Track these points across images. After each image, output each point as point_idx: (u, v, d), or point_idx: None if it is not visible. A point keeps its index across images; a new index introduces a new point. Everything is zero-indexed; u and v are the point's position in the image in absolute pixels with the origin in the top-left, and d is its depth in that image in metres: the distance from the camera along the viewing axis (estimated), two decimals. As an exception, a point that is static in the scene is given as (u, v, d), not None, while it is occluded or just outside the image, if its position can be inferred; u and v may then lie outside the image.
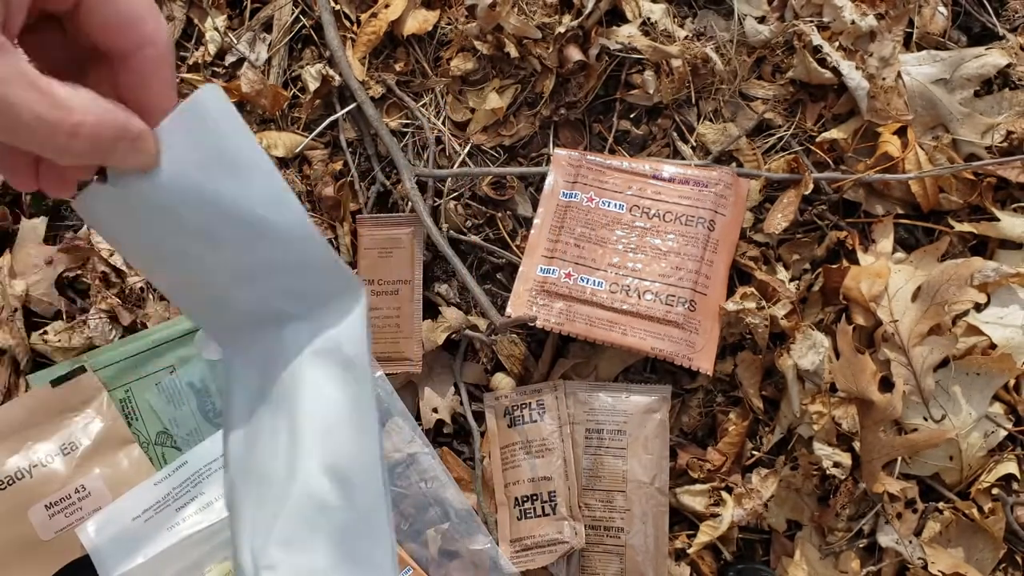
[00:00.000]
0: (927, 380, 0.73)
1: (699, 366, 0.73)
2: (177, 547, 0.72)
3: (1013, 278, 0.75)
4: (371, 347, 0.40)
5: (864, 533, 0.76)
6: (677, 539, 0.77)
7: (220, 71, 0.87)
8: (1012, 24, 0.83)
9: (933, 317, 0.73)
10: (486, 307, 0.76)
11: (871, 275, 0.75)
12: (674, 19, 0.83)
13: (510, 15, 0.79)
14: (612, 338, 0.74)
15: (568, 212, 0.79)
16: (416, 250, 0.80)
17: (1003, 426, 0.74)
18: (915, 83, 0.79)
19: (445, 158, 0.83)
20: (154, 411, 0.76)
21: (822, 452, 0.73)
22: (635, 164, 0.79)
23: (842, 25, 0.79)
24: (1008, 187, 0.79)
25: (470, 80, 0.84)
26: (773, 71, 0.83)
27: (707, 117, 0.82)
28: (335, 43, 0.82)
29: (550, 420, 0.77)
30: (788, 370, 0.74)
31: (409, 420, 0.79)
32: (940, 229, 0.79)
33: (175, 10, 0.87)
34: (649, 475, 0.75)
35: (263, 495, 0.38)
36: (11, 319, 0.81)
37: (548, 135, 0.83)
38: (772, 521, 0.77)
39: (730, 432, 0.77)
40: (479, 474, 0.79)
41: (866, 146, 0.80)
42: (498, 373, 0.80)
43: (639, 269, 0.76)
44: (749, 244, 0.79)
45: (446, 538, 0.76)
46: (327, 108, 0.85)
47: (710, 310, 0.75)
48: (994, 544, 0.73)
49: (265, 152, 0.34)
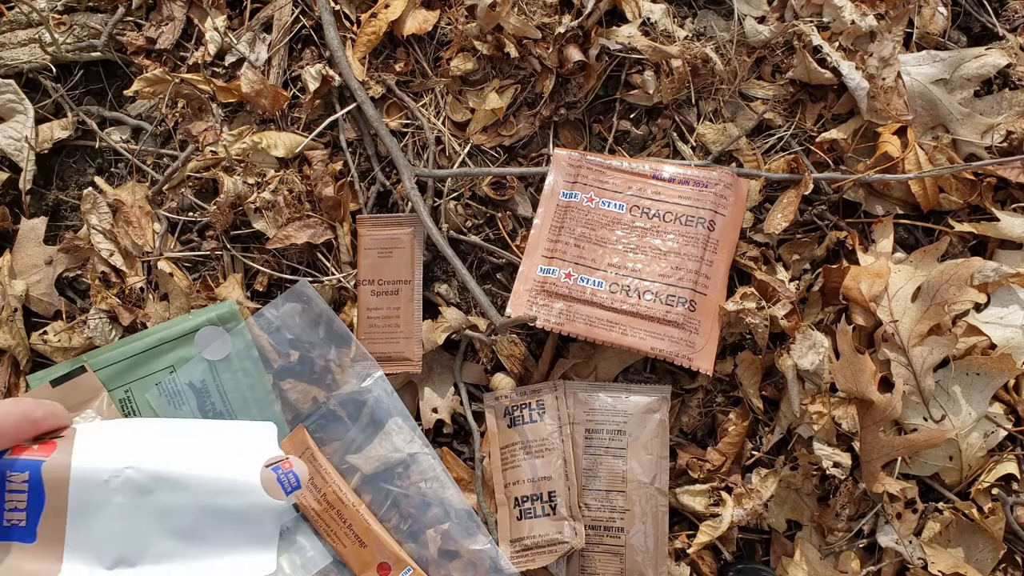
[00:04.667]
0: (927, 380, 0.73)
1: (699, 366, 0.73)
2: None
3: (1013, 278, 0.75)
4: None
5: (864, 533, 0.76)
6: (677, 539, 0.77)
7: (220, 71, 0.87)
8: (1012, 24, 0.83)
9: (933, 317, 0.73)
10: (486, 307, 0.76)
11: (871, 275, 0.75)
12: (674, 19, 0.83)
13: (510, 15, 0.79)
14: (612, 338, 0.74)
15: (568, 212, 0.79)
16: (416, 250, 0.80)
17: (1003, 426, 0.74)
18: (915, 83, 0.79)
19: (445, 158, 0.83)
20: (154, 411, 0.76)
21: (822, 452, 0.73)
22: (635, 164, 0.79)
23: (842, 25, 0.79)
24: (1008, 187, 0.79)
25: (470, 80, 0.84)
26: (773, 71, 0.83)
27: (707, 117, 0.82)
28: (335, 43, 0.82)
29: (550, 420, 0.77)
30: (788, 370, 0.74)
31: (409, 420, 0.79)
32: (940, 229, 0.79)
33: (175, 10, 0.87)
34: (649, 475, 0.75)
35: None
36: (11, 319, 0.81)
37: (548, 135, 0.83)
38: (772, 521, 0.77)
39: (730, 432, 0.77)
40: (479, 474, 0.79)
41: (866, 146, 0.80)
42: (498, 373, 0.80)
43: (639, 269, 0.76)
44: (749, 244, 0.79)
45: (446, 538, 0.76)
46: (327, 108, 0.85)
47: (710, 310, 0.75)
48: (994, 544, 0.73)
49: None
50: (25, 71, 0.88)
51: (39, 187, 0.88)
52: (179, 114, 0.87)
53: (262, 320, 0.79)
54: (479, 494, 0.78)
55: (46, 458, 0.40)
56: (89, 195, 0.84)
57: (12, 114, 0.86)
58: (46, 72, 0.88)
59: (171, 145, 0.87)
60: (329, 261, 0.82)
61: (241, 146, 0.83)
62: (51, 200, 0.87)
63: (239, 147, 0.83)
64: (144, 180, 0.86)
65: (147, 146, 0.87)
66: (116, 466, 0.42)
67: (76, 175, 0.88)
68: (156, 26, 0.88)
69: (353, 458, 0.78)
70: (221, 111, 0.86)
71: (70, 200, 0.87)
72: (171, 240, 0.84)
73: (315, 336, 0.79)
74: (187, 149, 0.85)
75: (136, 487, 0.42)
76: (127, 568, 0.42)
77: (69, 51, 0.87)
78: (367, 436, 0.78)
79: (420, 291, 0.80)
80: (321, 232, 0.81)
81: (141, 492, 0.42)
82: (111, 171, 0.88)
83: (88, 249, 0.84)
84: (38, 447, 0.40)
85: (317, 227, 0.81)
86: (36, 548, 0.39)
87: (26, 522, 0.39)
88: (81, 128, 0.88)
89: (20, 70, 0.88)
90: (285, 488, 0.47)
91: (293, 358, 0.79)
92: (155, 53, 0.87)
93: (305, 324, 0.79)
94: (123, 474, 0.42)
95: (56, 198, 0.88)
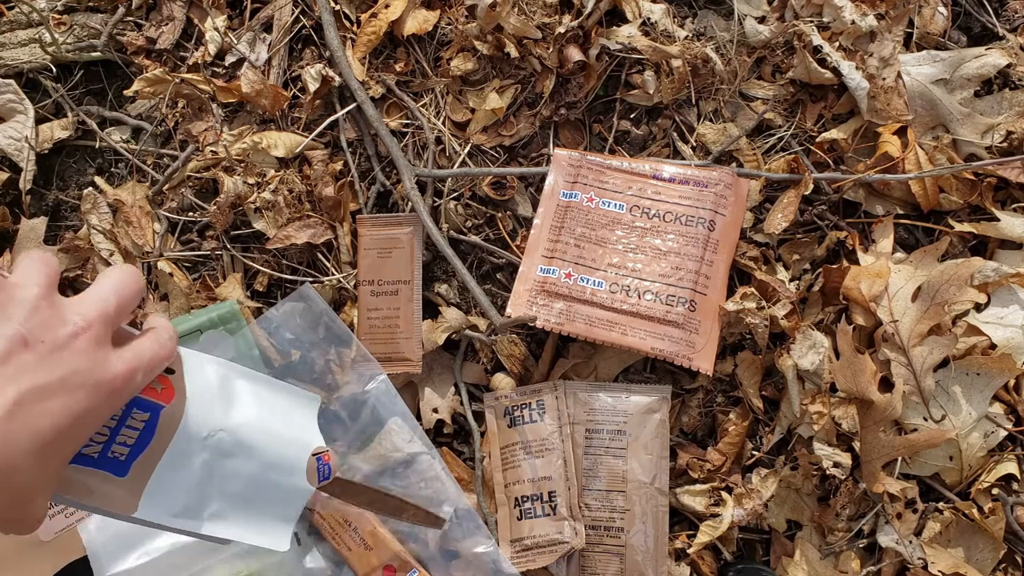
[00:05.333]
0: (927, 380, 0.73)
1: (699, 366, 0.73)
2: (179, 550, 0.72)
3: (1013, 278, 0.75)
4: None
5: (864, 533, 0.76)
6: (677, 539, 0.77)
7: (220, 71, 0.87)
8: (1012, 24, 0.83)
9: (933, 317, 0.73)
10: (486, 307, 0.76)
11: (871, 275, 0.75)
12: (674, 19, 0.83)
13: (510, 15, 0.79)
14: (612, 338, 0.74)
15: (568, 212, 0.79)
16: (416, 250, 0.80)
17: (1003, 426, 0.74)
18: (915, 83, 0.79)
19: (445, 158, 0.83)
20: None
21: (822, 452, 0.73)
22: (635, 164, 0.79)
23: (842, 25, 0.79)
24: (1008, 187, 0.79)
25: (470, 80, 0.84)
26: (773, 71, 0.83)
27: (707, 117, 0.82)
28: (335, 43, 0.82)
29: (550, 420, 0.77)
30: (788, 370, 0.74)
31: (410, 419, 0.79)
32: (940, 229, 0.79)
33: (175, 10, 0.87)
34: (649, 475, 0.75)
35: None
36: (11, 319, 0.81)
37: (548, 135, 0.83)
38: (772, 521, 0.77)
39: (730, 432, 0.77)
40: (479, 474, 0.79)
41: (866, 146, 0.80)
42: (498, 373, 0.80)
43: (639, 269, 0.76)
44: (749, 244, 0.79)
45: (446, 538, 0.76)
46: (327, 108, 0.85)
47: (710, 310, 0.75)
48: (994, 544, 0.73)
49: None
50: (25, 71, 0.88)
51: (39, 187, 0.88)
52: (179, 114, 0.87)
53: (262, 320, 0.79)
54: (479, 494, 0.78)
55: (166, 404, 0.42)
56: (89, 195, 0.84)
57: (12, 114, 0.86)
58: (46, 72, 0.88)
59: (171, 145, 0.87)
60: (329, 261, 0.82)
61: (241, 146, 0.83)
62: (51, 200, 0.87)
63: (239, 147, 0.83)
64: (144, 180, 0.86)
65: (147, 146, 0.87)
66: (214, 425, 0.44)
67: (76, 175, 0.88)
68: (156, 26, 0.88)
69: (353, 458, 0.78)
70: (221, 111, 0.86)
71: (70, 200, 0.87)
72: (171, 240, 0.84)
73: (315, 336, 0.79)
74: (187, 149, 0.85)
75: (222, 449, 0.45)
76: (187, 520, 0.44)
77: (69, 51, 0.87)
78: (367, 436, 0.78)
79: (420, 291, 0.80)
80: (321, 232, 0.81)
81: (223, 455, 0.45)
82: (111, 171, 0.88)
83: (88, 249, 0.84)
84: (161, 387, 0.42)
85: (317, 227, 0.81)
86: (123, 482, 0.41)
87: (126, 457, 0.41)
88: (81, 128, 0.88)
89: (20, 70, 0.88)
90: (320, 477, 0.50)
91: (294, 358, 0.79)
92: (155, 53, 0.87)
93: (305, 324, 0.79)
94: (217, 435, 0.44)
95: (56, 198, 0.88)
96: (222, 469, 0.45)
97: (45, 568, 0.72)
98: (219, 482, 0.45)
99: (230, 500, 0.46)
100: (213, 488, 0.45)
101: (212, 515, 0.45)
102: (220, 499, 0.46)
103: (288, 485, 0.49)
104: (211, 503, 0.45)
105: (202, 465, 0.44)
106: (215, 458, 0.45)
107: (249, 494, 0.47)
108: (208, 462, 0.44)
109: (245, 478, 0.46)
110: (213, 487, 0.45)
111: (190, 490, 0.44)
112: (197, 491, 0.44)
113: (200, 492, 0.44)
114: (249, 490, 0.47)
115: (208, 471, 0.44)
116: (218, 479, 0.45)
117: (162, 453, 0.42)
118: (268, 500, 0.48)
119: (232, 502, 0.46)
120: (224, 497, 0.46)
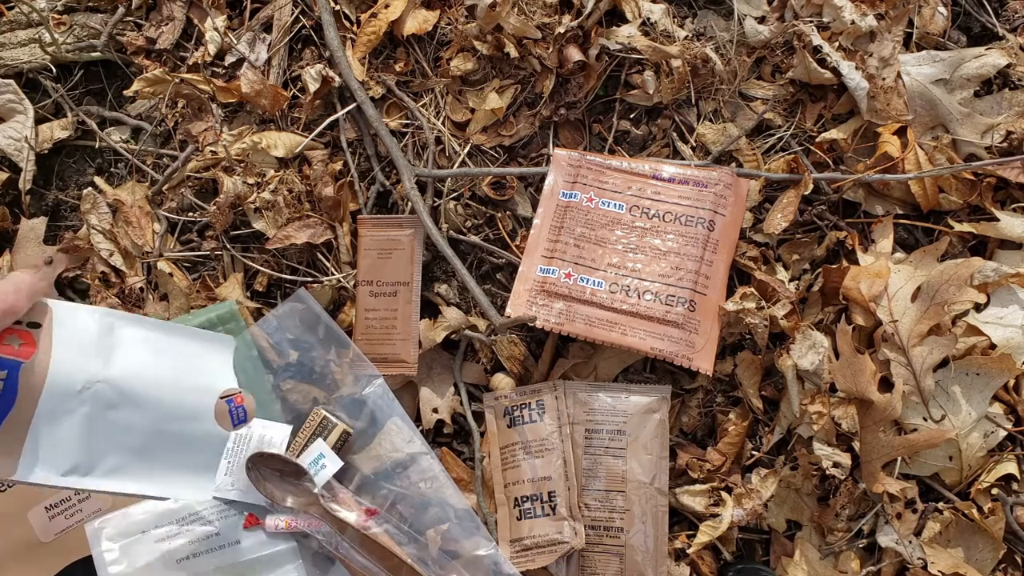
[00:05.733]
0: (927, 380, 0.73)
1: (699, 366, 0.73)
2: (187, 562, 0.71)
3: (1013, 278, 0.75)
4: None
5: (864, 533, 0.76)
6: (677, 539, 0.77)
7: (220, 71, 0.87)
8: (1012, 24, 0.83)
9: (933, 317, 0.73)
10: (486, 307, 0.76)
11: (871, 275, 0.75)
12: (674, 19, 0.83)
13: (510, 15, 0.79)
14: (612, 338, 0.74)
15: (568, 212, 0.79)
16: (416, 251, 0.80)
17: (1003, 426, 0.74)
18: (915, 83, 0.79)
19: (445, 158, 0.83)
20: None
21: (822, 452, 0.73)
22: (635, 164, 0.79)
23: (842, 25, 0.79)
24: (1008, 187, 0.79)
25: (470, 80, 0.84)
26: (773, 71, 0.83)
27: (707, 117, 0.82)
28: (335, 43, 0.82)
29: (550, 420, 0.77)
30: (788, 370, 0.74)
31: (408, 421, 0.79)
32: (940, 229, 0.79)
33: (175, 10, 0.87)
34: (649, 475, 0.75)
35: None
36: (11, 319, 0.81)
37: (548, 135, 0.83)
38: (772, 521, 0.77)
39: (730, 432, 0.77)
40: (479, 474, 0.79)
41: (866, 146, 0.80)
42: (498, 373, 0.80)
43: (639, 269, 0.76)
44: (749, 244, 0.79)
45: (446, 538, 0.76)
46: (327, 108, 0.85)
47: (710, 310, 0.75)
48: (994, 544, 0.73)
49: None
50: (25, 71, 0.88)
51: (39, 187, 0.88)
52: (179, 114, 0.87)
53: (262, 322, 0.79)
54: (479, 494, 0.78)
55: (25, 360, 0.40)
56: (89, 195, 0.84)
57: (12, 114, 0.86)
58: (46, 72, 0.88)
59: (171, 145, 0.87)
60: (329, 261, 0.82)
61: (241, 146, 0.83)
62: (51, 200, 0.87)
63: (239, 147, 0.83)
64: (144, 180, 0.86)
65: (147, 146, 0.87)
66: (89, 377, 0.42)
67: (76, 175, 0.88)
68: (156, 26, 0.88)
69: (353, 458, 0.78)
70: (221, 111, 0.86)
71: (70, 200, 0.87)
72: (171, 240, 0.84)
73: (314, 337, 0.79)
74: (187, 149, 0.85)
75: (103, 401, 0.43)
76: (78, 477, 0.42)
77: (69, 51, 0.87)
78: (367, 436, 0.78)
79: (418, 293, 0.80)
80: (321, 232, 0.81)
81: (107, 406, 0.43)
82: (111, 171, 0.88)
83: (88, 249, 0.84)
84: (19, 343, 0.40)
85: (317, 227, 0.81)
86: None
87: None
88: (81, 128, 0.88)
89: (20, 70, 0.88)
90: (234, 420, 0.48)
91: (292, 358, 0.79)
92: (155, 53, 0.87)
93: (304, 325, 0.79)
94: (94, 387, 0.42)
95: (56, 198, 0.88)
96: (109, 422, 0.43)
97: (45, 570, 0.72)
98: (110, 435, 0.43)
99: (129, 453, 0.44)
100: (104, 442, 0.43)
101: (110, 470, 0.43)
102: (117, 453, 0.43)
103: (197, 432, 0.46)
104: (106, 458, 0.43)
105: (84, 419, 0.42)
106: (98, 411, 0.42)
107: (152, 445, 0.44)
108: (90, 415, 0.42)
109: (141, 429, 0.44)
110: (104, 441, 0.43)
111: (76, 447, 0.42)
112: (85, 447, 0.42)
113: (88, 447, 0.42)
114: (151, 441, 0.44)
115: (92, 425, 0.42)
116: (107, 432, 0.43)
117: (32, 410, 0.40)
118: (176, 450, 0.45)
119: (132, 455, 0.44)
120: (122, 451, 0.43)
